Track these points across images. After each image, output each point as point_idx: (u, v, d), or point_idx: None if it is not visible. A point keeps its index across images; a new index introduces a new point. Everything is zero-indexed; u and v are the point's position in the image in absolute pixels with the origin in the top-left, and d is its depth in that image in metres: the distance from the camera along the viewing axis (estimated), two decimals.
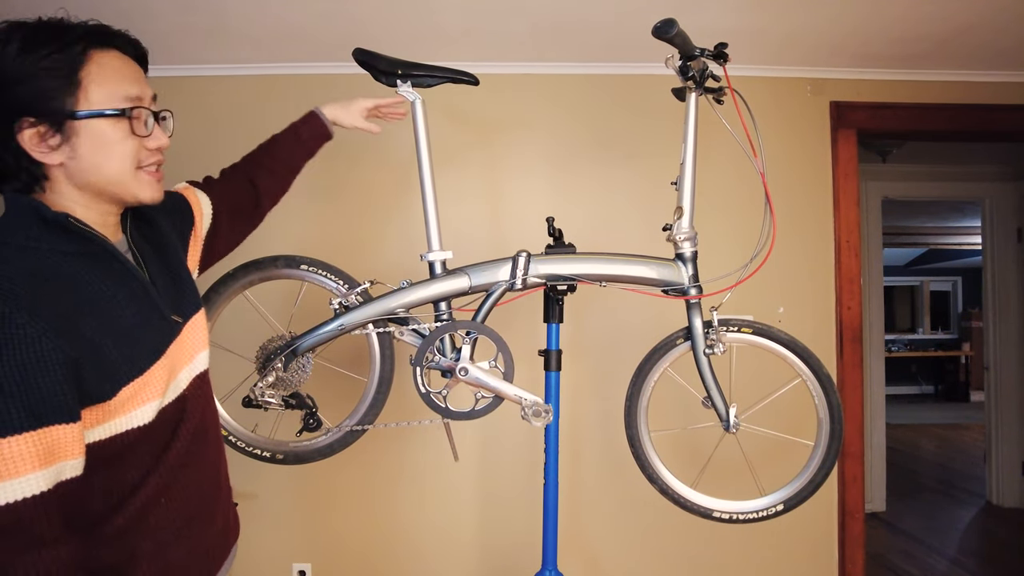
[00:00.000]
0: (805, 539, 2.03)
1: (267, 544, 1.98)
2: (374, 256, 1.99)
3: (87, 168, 0.82)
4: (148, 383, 0.82)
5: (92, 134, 0.81)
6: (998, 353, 3.64)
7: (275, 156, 1.30)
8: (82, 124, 0.80)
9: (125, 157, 0.84)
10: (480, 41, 1.83)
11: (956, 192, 3.72)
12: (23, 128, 0.78)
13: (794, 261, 2.04)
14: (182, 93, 1.96)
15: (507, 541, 2.00)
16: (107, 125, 0.82)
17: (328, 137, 1.35)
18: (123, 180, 0.84)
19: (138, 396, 0.80)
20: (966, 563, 2.98)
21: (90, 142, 0.81)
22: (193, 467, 0.91)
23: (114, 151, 0.83)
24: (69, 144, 0.80)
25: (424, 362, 1.32)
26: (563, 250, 1.35)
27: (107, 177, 0.83)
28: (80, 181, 0.82)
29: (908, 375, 8.22)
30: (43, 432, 0.70)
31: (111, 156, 0.82)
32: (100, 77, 0.81)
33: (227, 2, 1.58)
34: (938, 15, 1.68)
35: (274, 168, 1.29)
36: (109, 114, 0.81)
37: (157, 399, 0.83)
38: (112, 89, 0.82)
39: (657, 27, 1.17)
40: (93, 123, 0.80)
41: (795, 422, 1.55)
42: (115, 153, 0.83)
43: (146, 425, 0.82)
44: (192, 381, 0.93)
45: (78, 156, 0.81)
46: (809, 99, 2.08)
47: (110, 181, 0.84)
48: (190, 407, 0.91)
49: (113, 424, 0.78)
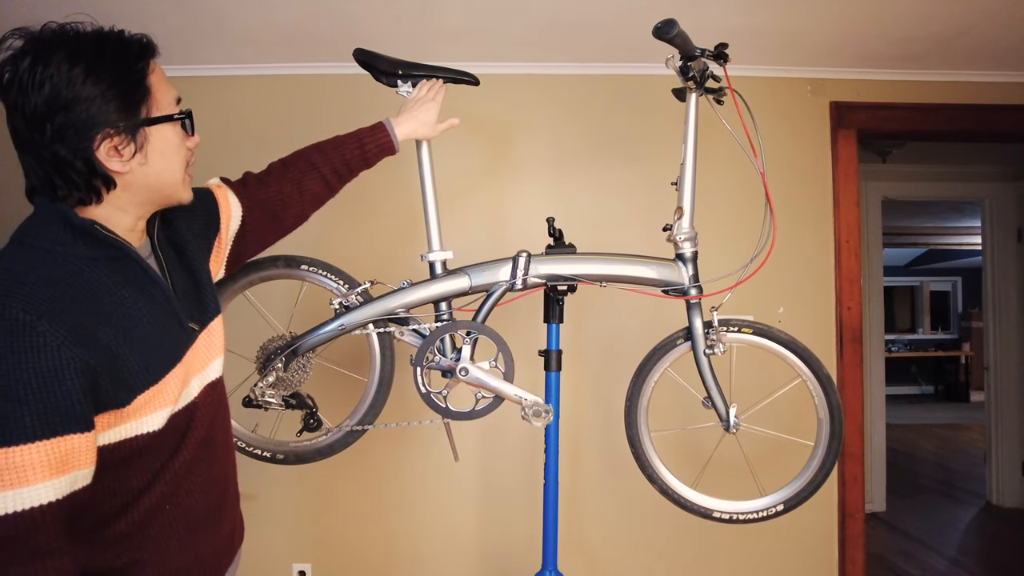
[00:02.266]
0: (805, 539, 2.03)
1: (267, 544, 1.98)
2: (374, 256, 1.99)
3: (152, 173, 0.83)
4: (163, 391, 0.81)
5: (161, 139, 0.84)
6: (998, 353, 3.64)
7: (333, 163, 1.22)
8: (153, 130, 0.83)
9: (182, 159, 0.88)
10: (480, 41, 1.84)
11: (956, 192, 3.72)
12: (103, 141, 0.78)
13: (794, 261, 2.04)
14: (182, 93, 1.95)
15: (507, 541, 2.00)
16: (171, 128, 0.85)
17: (393, 152, 1.27)
18: (178, 182, 0.88)
19: (152, 403, 0.80)
20: (966, 563, 2.98)
21: (159, 146, 0.84)
22: (199, 474, 0.90)
23: (178, 152, 0.86)
24: (142, 152, 0.82)
25: (424, 362, 1.32)
26: (563, 250, 1.35)
27: (167, 180, 0.86)
28: (141, 187, 0.83)
29: (908, 375, 8.22)
30: (57, 441, 0.69)
31: (175, 157, 0.86)
32: (159, 84, 0.85)
33: (227, 2, 1.58)
34: (938, 15, 1.68)
35: (328, 176, 1.22)
36: (176, 118, 0.85)
37: (169, 406, 0.83)
38: (169, 95, 0.86)
39: (657, 27, 1.17)
40: (162, 128, 0.84)
41: (795, 422, 1.55)
42: (177, 156, 0.86)
43: (156, 431, 0.81)
44: (204, 389, 0.92)
45: (148, 162, 0.83)
46: (809, 99, 2.08)
47: (167, 184, 0.86)
48: (199, 414, 0.90)
49: (124, 429, 0.78)
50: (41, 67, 0.74)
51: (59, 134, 0.76)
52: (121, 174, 0.81)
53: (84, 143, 0.77)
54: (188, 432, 0.88)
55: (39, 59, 0.75)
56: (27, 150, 0.78)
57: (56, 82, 0.75)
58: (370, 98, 1.98)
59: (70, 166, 0.77)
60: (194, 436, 0.89)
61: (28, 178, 0.80)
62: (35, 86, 0.74)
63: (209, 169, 2.13)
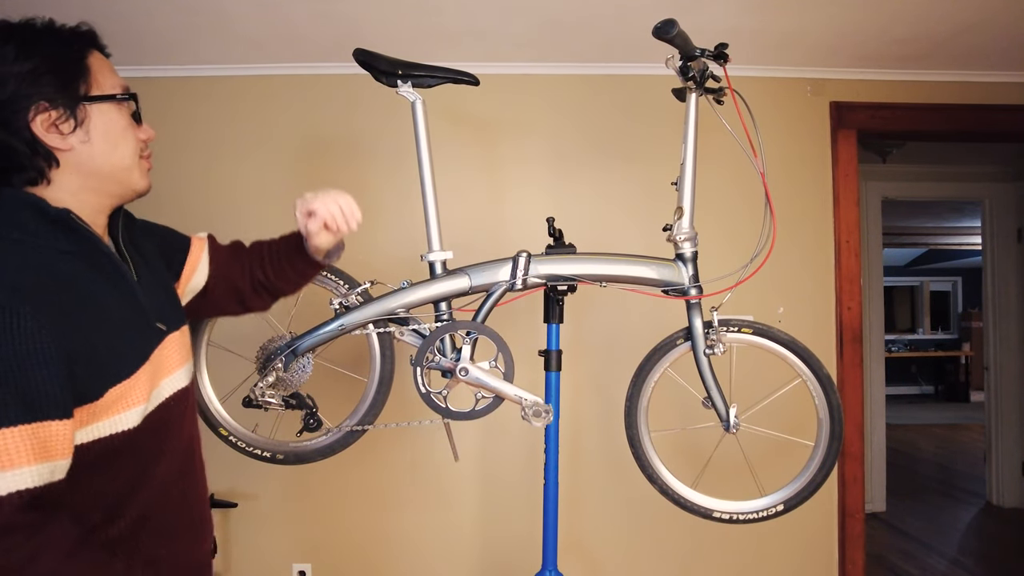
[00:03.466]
0: (805, 539, 2.03)
1: (267, 544, 1.98)
2: (374, 256, 1.99)
3: (98, 153, 0.84)
4: (135, 387, 0.81)
5: (104, 118, 0.84)
6: (998, 353, 3.64)
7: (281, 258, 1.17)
8: (94, 108, 0.83)
9: (132, 143, 0.88)
10: (480, 41, 1.84)
11: (956, 192, 3.72)
12: (37, 114, 0.79)
13: (794, 261, 2.04)
14: (182, 93, 1.96)
15: (507, 541, 2.00)
16: (115, 110, 0.86)
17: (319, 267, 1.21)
18: (130, 167, 0.88)
19: (124, 399, 0.80)
20: (966, 563, 2.98)
21: (102, 126, 0.84)
22: (185, 484, 0.91)
23: (124, 136, 0.86)
24: (83, 128, 0.82)
25: (424, 362, 1.31)
26: (563, 250, 1.35)
27: (116, 164, 0.86)
28: (89, 169, 0.84)
29: (908, 375, 8.22)
30: (38, 426, 0.70)
31: (121, 141, 0.86)
32: (102, 67, 0.86)
33: (227, 2, 1.58)
34: (938, 15, 1.68)
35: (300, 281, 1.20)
36: (120, 98, 0.86)
37: (142, 404, 0.83)
38: (113, 80, 0.86)
39: (657, 27, 1.17)
40: (104, 107, 0.84)
41: (795, 422, 1.55)
42: (125, 138, 0.87)
43: (131, 431, 0.81)
44: (175, 394, 0.92)
45: (91, 140, 0.83)
46: (809, 99, 2.08)
47: (118, 167, 0.86)
48: (175, 420, 0.91)
49: (98, 427, 0.78)
50: None
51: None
52: (62, 151, 0.82)
53: (18, 117, 0.78)
54: (166, 436, 0.88)
55: None
56: None
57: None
58: (370, 98, 1.99)
59: (8, 143, 0.79)
60: (172, 442, 0.89)
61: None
62: None
63: (209, 168, 2.13)
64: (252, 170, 2.00)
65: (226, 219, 1.97)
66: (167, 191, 1.98)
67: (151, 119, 0.93)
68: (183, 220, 1.19)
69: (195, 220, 2.00)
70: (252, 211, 1.99)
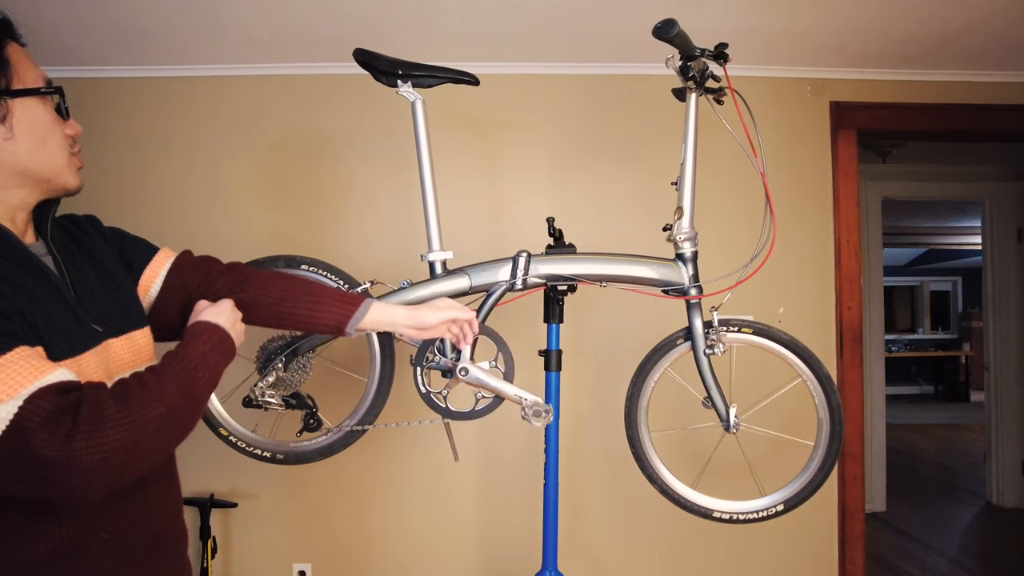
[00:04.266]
0: (805, 539, 2.03)
1: (267, 544, 1.98)
2: (374, 256, 1.99)
3: (23, 151, 0.80)
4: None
5: (28, 113, 0.80)
6: (998, 353, 3.64)
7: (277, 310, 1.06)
8: (17, 103, 0.79)
9: (59, 141, 0.83)
10: (480, 41, 1.84)
11: (956, 192, 3.72)
12: None
13: (794, 261, 2.04)
14: (182, 93, 1.96)
15: (507, 541, 2.00)
16: (40, 105, 0.81)
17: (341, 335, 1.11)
18: (60, 164, 0.84)
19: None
20: (966, 563, 2.98)
21: (27, 121, 0.80)
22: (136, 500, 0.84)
23: (52, 132, 0.82)
24: (5, 124, 0.78)
25: (424, 362, 1.32)
26: (563, 250, 1.35)
27: (44, 161, 0.82)
28: (12, 166, 0.80)
29: (908, 375, 8.22)
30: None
31: (48, 137, 0.82)
32: (21, 60, 0.81)
33: (227, 2, 1.58)
34: (938, 15, 1.68)
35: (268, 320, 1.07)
36: (44, 91, 0.81)
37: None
38: (34, 73, 0.82)
39: (657, 27, 1.17)
40: (28, 102, 0.80)
41: (795, 422, 1.55)
42: (53, 134, 0.83)
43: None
44: None
45: (15, 137, 0.79)
46: (809, 99, 2.08)
47: (47, 164, 0.82)
48: None
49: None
50: None
51: None
52: None
53: None
54: None
55: None
56: None
57: None
58: (370, 98, 1.99)
59: None
60: None
61: None
62: None
63: (209, 168, 2.13)
64: (251, 170, 2.00)
65: (226, 218, 1.97)
66: (168, 191, 1.98)
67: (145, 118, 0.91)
68: (184, 222, 1.19)
69: (196, 221, 2.00)
70: (251, 211, 1.99)
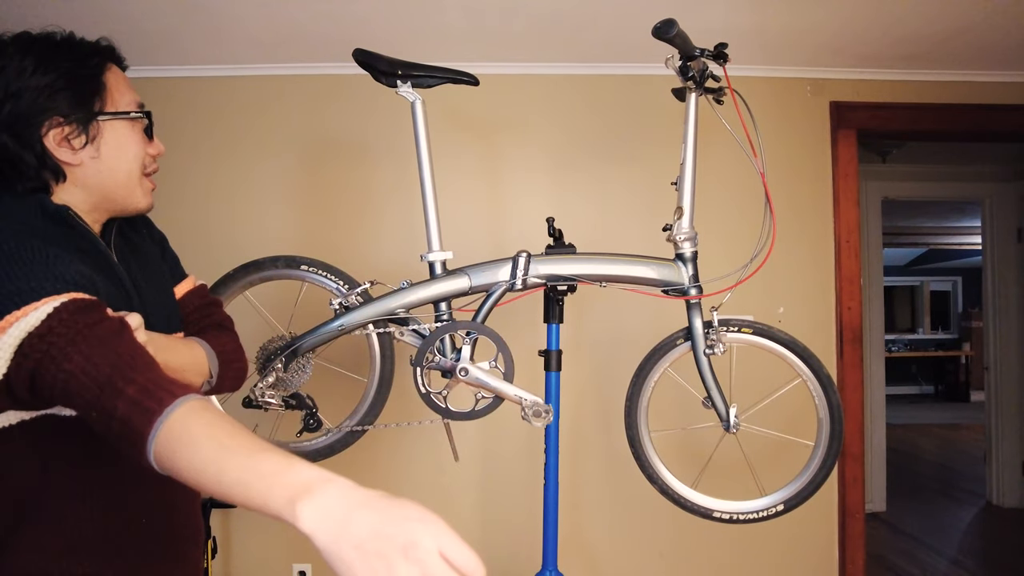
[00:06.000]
0: (805, 539, 2.03)
1: (267, 544, 1.98)
2: (374, 256, 1.99)
3: (105, 169, 0.84)
4: None
5: (115, 135, 0.85)
6: (998, 353, 3.64)
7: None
8: (107, 124, 0.84)
9: (137, 159, 0.88)
10: (480, 41, 1.84)
11: (956, 192, 3.72)
12: (51, 128, 0.80)
13: (794, 261, 2.04)
14: (182, 93, 1.96)
15: (507, 541, 2.00)
16: (128, 127, 0.86)
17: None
18: (132, 183, 0.88)
19: None
20: (966, 563, 2.98)
21: (113, 142, 0.85)
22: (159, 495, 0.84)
23: (131, 153, 0.87)
24: (94, 144, 0.83)
25: (424, 362, 1.31)
26: (563, 250, 1.35)
27: (120, 179, 0.86)
28: (93, 183, 0.84)
29: (908, 375, 8.22)
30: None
31: (127, 158, 0.86)
32: (118, 84, 0.86)
33: (227, 2, 1.58)
34: (938, 15, 1.68)
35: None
36: (134, 116, 0.86)
37: None
38: (128, 96, 0.87)
39: (657, 27, 1.17)
40: (117, 124, 0.85)
41: (795, 422, 1.55)
42: (131, 155, 0.87)
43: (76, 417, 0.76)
44: None
45: (100, 156, 0.84)
46: (809, 99, 2.08)
47: (121, 183, 0.86)
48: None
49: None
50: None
51: (7, 122, 0.78)
52: (72, 165, 0.82)
53: (32, 130, 0.79)
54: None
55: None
56: None
57: (7, 74, 0.78)
58: (370, 98, 1.98)
59: (19, 154, 0.79)
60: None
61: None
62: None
63: (210, 168, 2.12)
64: (250, 170, 2.00)
65: (224, 218, 1.97)
66: (168, 191, 1.98)
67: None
68: (183, 221, 1.19)
69: (195, 221, 2.00)
70: (249, 211, 1.99)
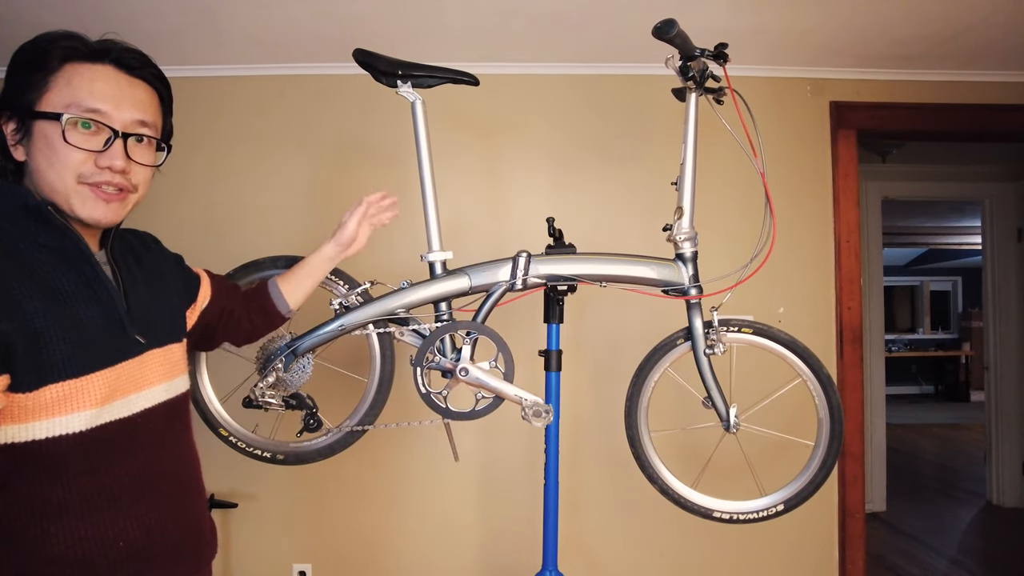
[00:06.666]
0: (805, 539, 2.03)
1: (267, 544, 1.98)
2: (374, 256, 1.98)
3: (35, 170, 0.83)
4: (83, 390, 0.78)
5: (40, 135, 0.81)
6: (998, 353, 3.64)
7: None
8: (35, 124, 0.81)
9: (68, 167, 0.81)
10: (480, 41, 1.83)
11: (956, 192, 3.72)
12: (5, 121, 0.82)
13: (794, 261, 2.04)
14: (182, 93, 1.94)
15: (507, 541, 2.00)
16: (50, 128, 0.81)
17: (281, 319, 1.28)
18: (66, 191, 0.82)
19: (68, 401, 0.77)
20: (966, 563, 2.98)
21: (39, 143, 0.81)
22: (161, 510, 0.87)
23: (55, 157, 0.81)
24: (27, 142, 0.82)
25: (424, 362, 1.32)
26: (563, 250, 1.35)
27: (48, 183, 0.82)
28: (35, 183, 0.83)
29: (908, 375, 8.22)
30: None
31: (53, 162, 0.81)
32: (69, 85, 0.81)
33: (227, 2, 1.58)
34: (938, 15, 1.68)
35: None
36: (49, 116, 0.80)
37: (90, 410, 0.79)
38: (75, 98, 0.81)
39: (657, 27, 1.17)
40: (41, 124, 0.81)
41: (795, 422, 1.55)
42: (56, 159, 0.81)
43: (76, 436, 0.77)
44: (146, 410, 0.87)
45: (31, 156, 0.82)
46: (809, 99, 2.08)
47: (54, 189, 0.82)
48: (144, 438, 0.86)
49: (34, 427, 0.75)
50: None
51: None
52: (19, 161, 0.83)
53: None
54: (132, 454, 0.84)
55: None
56: None
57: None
58: (369, 98, 1.98)
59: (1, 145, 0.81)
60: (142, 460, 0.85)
61: None
62: None
63: (210, 168, 2.12)
64: (248, 170, 2.00)
65: (222, 218, 1.97)
66: (166, 191, 1.98)
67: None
68: (180, 222, 1.19)
69: (193, 221, 2.00)
70: (248, 211, 1.99)
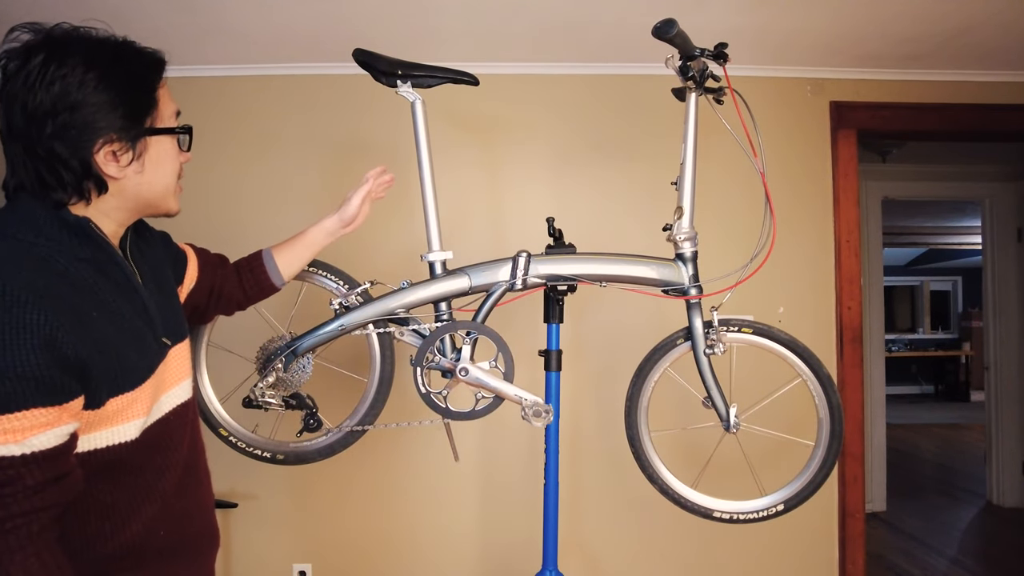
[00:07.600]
0: (805, 539, 2.03)
1: (267, 544, 1.98)
2: (374, 256, 1.99)
3: (145, 182, 0.85)
4: (137, 400, 0.81)
5: (159, 150, 0.86)
6: (998, 353, 3.64)
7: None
8: (153, 140, 0.84)
9: (175, 171, 0.89)
10: (480, 41, 1.84)
11: (956, 192, 3.72)
12: (103, 145, 0.79)
13: (794, 261, 2.04)
14: (182, 93, 1.95)
15: (507, 541, 2.00)
16: (170, 142, 0.87)
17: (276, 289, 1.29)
18: (167, 193, 0.89)
19: (126, 411, 0.79)
20: (966, 563, 2.98)
21: (156, 157, 0.85)
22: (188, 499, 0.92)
23: (170, 166, 0.88)
24: (139, 160, 0.83)
25: (424, 362, 1.31)
26: (563, 250, 1.35)
27: (159, 191, 0.87)
28: (131, 194, 0.84)
29: (908, 375, 8.22)
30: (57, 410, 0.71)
31: (167, 171, 0.88)
32: (165, 97, 0.87)
33: (227, 2, 1.58)
34: (938, 15, 1.68)
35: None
36: (178, 131, 0.88)
37: (142, 417, 0.82)
38: (171, 108, 0.89)
39: (657, 27, 1.17)
40: (162, 140, 0.86)
41: (795, 422, 1.55)
42: (170, 168, 0.88)
43: (128, 444, 0.80)
44: (175, 409, 0.91)
45: (144, 171, 0.84)
46: (809, 99, 2.08)
47: (159, 194, 0.88)
48: (174, 435, 0.90)
49: (95, 437, 0.77)
50: (54, 66, 0.75)
51: (59, 132, 0.76)
52: (116, 179, 0.82)
53: (84, 144, 0.77)
54: (166, 451, 0.88)
55: (53, 57, 0.75)
56: (19, 142, 0.77)
57: (68, 82, 0.75)
58: (369, 98, 1.98)
59: (64, 165, 0.77)
60: (173, 457, 0.89)
61: (13, 170, 0.79)
62: (44, 83, 0.75)
63: (209, 168, 2.13)
64: (247, 170, 2.00)
65: (220, 218, 1.97)
66: None
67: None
68: (178, 221, 1.19)
69: (191, 221, 2.00)
70: (247, 211, 1.99)
